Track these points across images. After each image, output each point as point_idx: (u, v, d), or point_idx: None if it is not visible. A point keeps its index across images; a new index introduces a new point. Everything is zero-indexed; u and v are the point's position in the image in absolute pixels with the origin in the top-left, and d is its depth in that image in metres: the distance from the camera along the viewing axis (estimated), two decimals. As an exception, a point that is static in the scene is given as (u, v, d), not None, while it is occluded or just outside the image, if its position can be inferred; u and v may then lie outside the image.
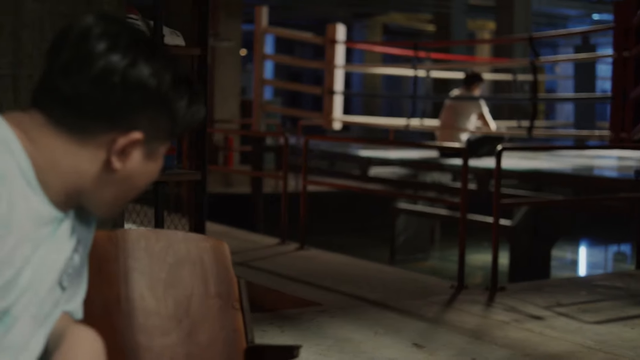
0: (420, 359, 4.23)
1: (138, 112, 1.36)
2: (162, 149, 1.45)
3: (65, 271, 1.45)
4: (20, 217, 1.31)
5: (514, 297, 5.60)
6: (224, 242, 2.05)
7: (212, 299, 1.99)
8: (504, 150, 5.99)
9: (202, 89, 1.52)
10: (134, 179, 1.42)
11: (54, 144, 1.35)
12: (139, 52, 1.36)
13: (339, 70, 10.61)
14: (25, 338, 1.39)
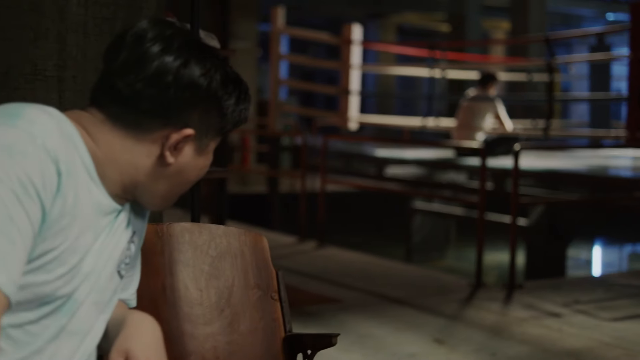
0: (441, 354, 4.31)
1: (190, 109, 1.45)
2: (212, 145, 1.53)
3: (122, 260, 1.54)
4: (84, 207, 1.39)
5: (531, 294, 5.67)
6: (262, 236, 2.14)
7: (252, 290, 2.08)
8: (522, 150, 6.05)
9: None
10: (185, 173, 1.50)
11: (112, 139, 1.44)
12: (190, 54, 1.45)
13: (355, 70, 10.68)
14: (89, 323, 1.49)
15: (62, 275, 1.38)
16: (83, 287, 1.44)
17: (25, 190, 1.27)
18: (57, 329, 1.41)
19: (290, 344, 2.08)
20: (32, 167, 1.28)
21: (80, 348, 1.47)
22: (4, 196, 1.24)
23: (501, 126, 9.09)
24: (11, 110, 1.35)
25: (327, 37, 11.75)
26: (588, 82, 13.95)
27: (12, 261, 1.24)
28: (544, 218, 8.37)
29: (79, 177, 1.38)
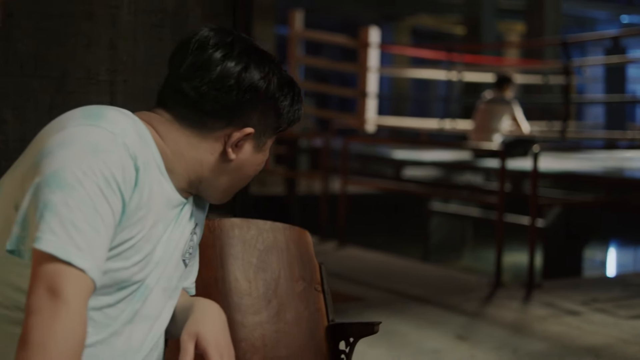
0: (464, 350, 4.43)
1: (250, 110, 1.58)
2: (269, 142, 1.66)
3: (187, 250, 1.68)
4: (156, 200, 1.52)
5: (550, 293, 5.79)
6: (306, 231, 2.27)
7: (297, 282, 2.20)
8: (540, 152, 6.16)
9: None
10: (245, 169, 1.63)
11: (179, 138, 1.56)
12: (250, 59, 1.58)
13: (372, 73, 10.80)
14: (159, 308, 1.62)
15: (137, 262, 1.50)
16: (154, 274, 1.57)
17: (108, 185, 1.39)
18: (132, 313, 1.54)
19: (333, 333, 2.20)
20: (114, 163, 1.40)
21: (151, 331, 1.60)
22: (90, 190, 1.37)
23: (518, 128, 9.19)
24: (93, 111, 1.48)
25: (345, 40, 11.88)
26: (603, 85, 14.02)
27: (98, 249, 1.36)
28: (560, 219, 8.46)
29: (152, 172, 1.51)
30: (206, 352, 1.58)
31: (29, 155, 1.46)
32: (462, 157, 9.82)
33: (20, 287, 1.43)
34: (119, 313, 1.52)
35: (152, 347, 1.62)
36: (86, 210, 1.35)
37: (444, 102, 10.93)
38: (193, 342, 1.59)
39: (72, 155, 1.38)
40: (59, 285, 1.31)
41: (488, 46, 14.60)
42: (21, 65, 2.40)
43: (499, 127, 9.11)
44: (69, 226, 1.33)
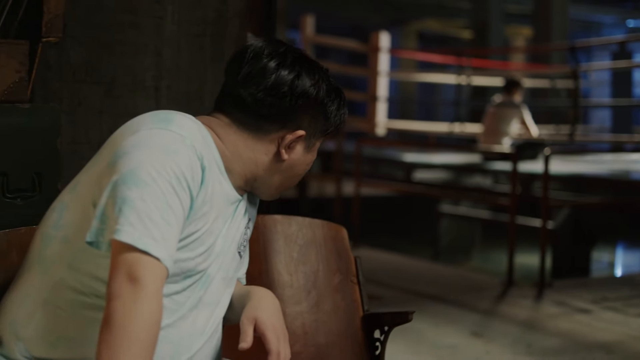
0: (479, 346, 4.58)
1: (302, 114, 1.73)
2: (317, 143, 1.81)
3: (241, 243, 1.83)
4: (217, 197, 1.68)
5: (561, 292, 5.93)
6: (342, 228, 2.43)
7: (334, 275, 2.36)
8: (552, 155, 6.30)
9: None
10: (296, 168, 1.79)
11: (237, 140, 1.72)
12: (302, 67, 1.73)
13: (383, 77, 10.96)
14: (219, 295, 1.77)
15: (201, 254, 1.66)
16: (215, 264, 1.72)
17: (179, 182, 1.54)
18: (196, 299, 1.70)
19: (368, 322, 2.36)
20: (183, 163, 1.55)
21: (212, 316, 1.76)
22: (163, 187, 1.52)
23: (527, 131, 9.34)
24: (163, 116, 1.64)
25: (355, 44, 12.05)
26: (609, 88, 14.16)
27: (170, 240, 1.51)
28: (569, 221, 8.61)
29: (213, 171, 1.67)
30: (264, 334, 1.73)
31: (104, 156, 1.62)
32: (472, 160, 9.96)
33: (97, 276, 1.58)
34: (185, 299, 1.67)
35: (213, 331, 1.77)
36: (160, 205, 1.50)
37: (453, 105, 11.06)
38: (252, 326, 1.73)
39: (147, 156, 1.53)
40: (137, 272, 1.46)
41: (498, 51, 14.75)
42: (73, 72, 2.56)
43: (508, 130, 9.26)
44: (145, 219, 1.48)
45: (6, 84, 2.19)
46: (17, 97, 2.21)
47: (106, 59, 2.60)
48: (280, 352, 1.74)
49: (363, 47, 11.53)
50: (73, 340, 1.60)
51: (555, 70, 12.44)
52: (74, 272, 1.61)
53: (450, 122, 10.72)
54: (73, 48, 2.54)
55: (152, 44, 2.66)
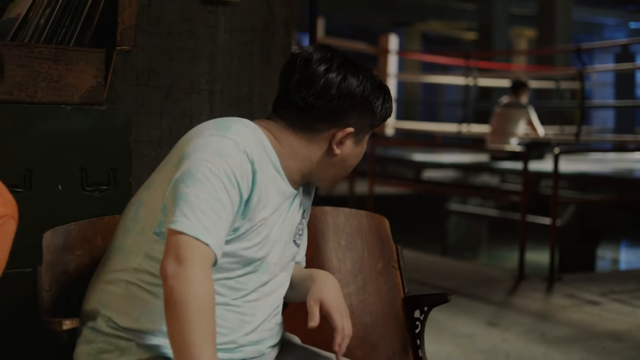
0: (496, 334, 4.83)
1: (349, 113, 1.93)
2: (366, 137, 2.02)
3: (297, 232, 2.06)
4: (272, 194, 1.90)
5: (570, 285, 6.18)
6: (384, 218, 2.67)
7: (378, 261, 2.60)
8: (560, 154, 6.53)
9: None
10: (347, 161, 2.00)
11: (292, 140, 1.93)
12: (347, 70, 1.93)
13: (392, 78, 11.19)
14: (278, 278, 1.99)
15: (257, 243, 1.88)
16: (272, 252, 1.95)
17: (229, 180, 1.76)
18: (258, 282, 1.92)
19: (409, 303, 2.60)
20: (234, 164, 1.77)
21: (272, 296, 1.98)
22: (215, 185, 1.74)
23: (533, 131, 9.58)
24: (224, 124, 1.85)
25: (365, 46, 12.28)
26: (610, 90, 14.40)
27: (220, 229, 1.73)
28: (575, 218, 8.86)
29: (268, 171, 1.88)
30: (329, 313, 1.97)
31: (173, 157, 1.86)
32: (479, 159, 10.20)
33: (157, 259, 1.81)
34: (248, 281, 1.90)
35: (273, 310, 2.00)
36: (212, 200, 1.73)
37: (462, 106, 11.30)
38: (318, 306, 1.96)
39: (203, 158, 1.76)
40: (185, 253, 1.68)
41: (507, 53, 14.98)
42: (137, 76, 2.81)
43: (516, 130, 9.50)
44: (198, 212, 1.71)
45: (85, 88, 2.44)
46: (95, 100, 2.46)
47: (166, 65, 2.85)
48: (344, 327, 1.98)
49: (372, 49, 11.77)
50: (154, 313, 1.84)
51: (560, 72, 12.68)
52: (150, 260, 1.85)
53: (455, 123, 10.95)
54: (136, 55, 2.78)
55: (207, 51, 2.91)
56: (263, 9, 3.00)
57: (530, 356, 4.42)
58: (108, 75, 2.47)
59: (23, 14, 2.52)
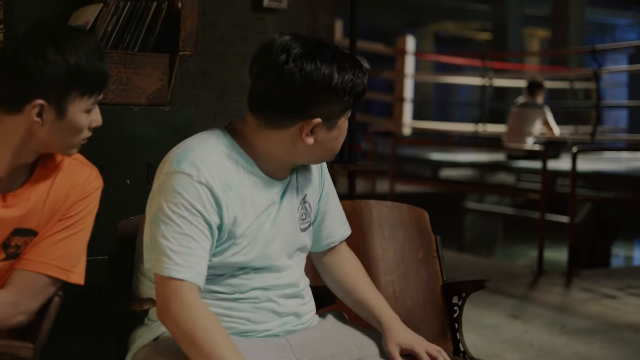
0: (518, 326, 5.03)
1: (313, 103, 1.91)
2: (341, 119, 1.99)
3: (299, 218, 2.13)
4: (252, 199, 1.99)
5: (588, 280, 6.37)
6: (424, 211, 2.87)
7: (418, 250, 2.81)
8: (578, 153, 6.72)
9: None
10: (327, 144, 2.00)
11: (266, 138, 1.97)
12: (304, 59, 1.88)
13: (409, 79, 11.39)
14: (284, 266, 2.11)
15: (245, 246, 2.00)
16: (272, 246, 2.04)
17: (191, 214, 1.90)
18: (261, 279, 2.06)
19: (448, 289, 2.80)
20: (193, 197, 1.90)
21: (281, 279, 2.10)
22: (179, 222, 1.89)
23: (549, 131, 9.76)
24: (181, 156, 1.95)
25: (383, 47, 12.49)
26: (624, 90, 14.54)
27: (194, 260, 1.88)
28: (590, 216, 9.04)
29: (242, 181, 1.98)
30: (412, 351, 2.09)
31: (153, 184, 2.01)
32: (496, 158, 10.39)
33: None
34: (250, 277, 2.05)
35: (293, 291, 2.13)
36: (179, 237, 1.90)
37: (478, 106, 11.49)
38: (398, 350, 2.09)
39: (164, 199, 1.92)
40: (166, 296, 1.89)
41: (523, 54, 15.14)
42: (192, 79, 3.02)
43: (532, 130, 9.69)
44: (168, 252, 1.89)
45: (151, 90, 2.65)
46: (159, 101, 2.67)
47: (219, 69, 3.06)
48: (429, 352, 2.11)
49: (390, 50, 11.97)
50: None
51: (575, 72, 12.85)
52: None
53: (468, 122, 11.14)
54: (192, 59, 3.00)
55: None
56: (308, 15, 3.21)
57: (553, 346, 4.61)
58: (171, 79, 2.67)
59: (91, 22, 2.74)
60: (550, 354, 4.46)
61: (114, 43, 2.70)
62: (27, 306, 2.01)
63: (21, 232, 2.04)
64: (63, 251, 2.05)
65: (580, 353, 4.49)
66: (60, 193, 2.06)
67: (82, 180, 2.09)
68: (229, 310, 2.04)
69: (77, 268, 2.08)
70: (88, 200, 2.10)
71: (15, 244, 2.03)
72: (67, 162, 2.09)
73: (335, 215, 2.29)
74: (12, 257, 2.04)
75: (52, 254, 2.03)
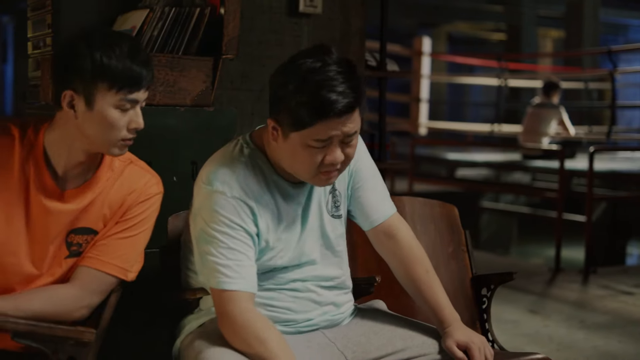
0: (538, 321, 5.15)
1: (278, 111, 2.09)
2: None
3: (333, 206, 2.27)
4: (284, 204, 2.16)
5: (605, 277, 6.49)
6: (454, 207, 3.00)
7: (449, 244, 2.94)
8: (595, 152, 6.83)
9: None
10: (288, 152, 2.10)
11: (273, 146, 2.13)
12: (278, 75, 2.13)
13: (425, 79, 11.51)
14: (321, 255, 2.26)
15: (282, 249, 2.17)
16: (305, 241, 2.21)
17: (232, 228, 2.06)
18: (299, 273, 2.22)
19: (477, 282, 2.93)
20: (230, 213, 2.07)
21: (318, 271, 2.26)
22: (222, 237, 2.06)
23: (565, 131, 9.87)
24: (211, 175, 2.11)
25: (399, 48, 12.60)
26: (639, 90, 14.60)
27: (243, 270, 2.06)
28: (606, 214, 9.15)
29: (270, 190, 2.14)
30: (467, 348, 2.20)
31: (193, 203, 2.18)
32: (512, 158, 10.50)
33: None
34: (290, 271, 2.21)
35: (327, 283, 2.27)
36: (224, 252, 2.06)
37: (494, 106, 11.61)
38: (455, 346, 2.20)
39: (205, 219, 2.08)
40: (221, 308, 2.06)
41: (539, 55, 15.20)
42: (231, 81, 3.16)
43: (547, 130, 9.80)
44: (218, 267, 2.06)
45: (196, 92, 2.79)
46: (204, 102, 2.81)
47: (257, 71, 3.20)
48: (481, 349, 2.20)
49: (407, 50, 12.09)
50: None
51: (590, 73, 12.94)
52: None
53: (481, 122, 11.25)
54: (231, 62, 3.13)
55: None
56: (340, 20, 3.35)
57: (572, 340, 4.74)
58: (215, 81, 2.81)
59: (138, 27, 2.88)
60: (570, 347, 4.59)
61: (159, 47, 2.84)
62: (89, 301, 2.17)
63: (81, 231, 2.20)
64: (123, 251, 2.21)
65: (599, 347, 4.61)
66: (118, 196, 2.22)
67: (141, 185, 2.25)
68: (271, 300, 2.19)
69: (134, 267, 2.25)
70: (146, 205, 2.26)
71: (77, 242, 2.19)
72: (129, 168, 2.25)
73: (375, 194, 2.38)
74: (75, 255, 2.19)
75: (113, 254, 2.19)
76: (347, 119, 2.03)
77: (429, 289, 2.35)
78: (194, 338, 2.17)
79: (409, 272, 2.37)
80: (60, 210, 2.17)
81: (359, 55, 3.36)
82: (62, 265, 2.19)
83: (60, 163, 2.17)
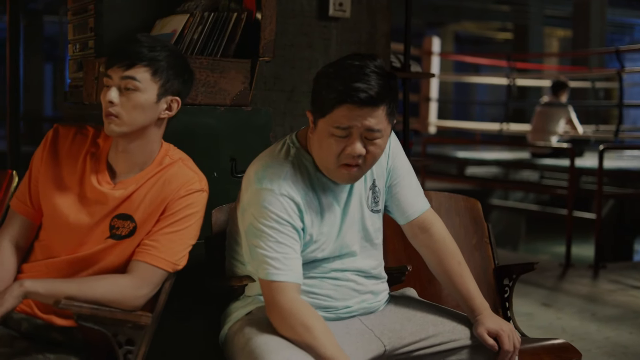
0: (551, 314, 5.31)
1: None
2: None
3: (373, 201, 2.42)
4: (326, 200, 2.32)
5: (614, 272, 6.65)
6: (477, 201, 3.16)
7: (472, 236, 3.10)
8: (605, 150, 6.98)
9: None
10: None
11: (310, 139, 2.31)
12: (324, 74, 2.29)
13: (434, 79, 11.65)
14: (360, 247, 2.41)
15: (325, 242, 2.32)
16: (347, 233, 2.36)
17: (280, 224, 2.21)
18: (339, 263, 2.38)
19: (499, 272, 3.09)
20: (278, 209, 2.21)
21: (357, 262, 2.41)
22: (271, 232, 2.20)
23: (573, 130, 10.02)
24: (260, 174, 2.26)
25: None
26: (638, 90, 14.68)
27: (291, 263, 2.20)
28: (613, 212, 9.30)
29: (314, 187, 2.29)
30: (497, 335, 2.34)
31: (241, 199, 2.33)
32: (520, 156, 10.64)
33: None
34: (331, 261, 2.36)
35: (366, 273, 2.43)
36: (273, 246, 2.21)
37: (504, 105, 11.77)
38: (486, 333, 2.33)
39: (255, 214, 2.23)
40: (270, 299, 2.21)
41: (547, 55, 15.31)
42: (265, 82, 3.33)
43: (556, 129, 9.95)
44: (267, 260, 2.21)
45: (235, 92, 2.95)
46: (242, 102, 2.97)
47: (288, 72, 3.36)
48: (512, 345, 2.34)
49: (416, 50, 12.23)
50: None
51: (597, 72, 13.07)
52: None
53: (488, 121, 11.38)
54: (264, 63, 3.30)
55: (321, 60, 3.42)
56: (367, 24, 3.51)
57: (584, 331, 4.90)
58: (252, 82, 2.98)
59: (179, 30, 3.04)
60: (583, 338, 4.75)
61: (199, 49, 3.00)
62: (144, 291, 2.34)
63: (122, 217, 2.38)
64: (170, 245, 2.38)
65: (611, 338, 4.77)
66: (160, 190, 2.39)
67: (183, 181, 2.41)
68: (313, 287, 2.35)
69: (182, 261, 2.40)
70: (188, 200, 2.40)
71: (117, 226, 2.38)
72: (177, 165, 2.44)
73: (410, 190, 2.53)
74: (115, 238, 2.37)
75: (164, 248, 2.36)
76: (368, 113, 2.16)
77: (460, 280, 2.48)
78: (243, 325, 2.31)
79: (442, 264, 2.51)
80: (109, 195, 2.36)
81: (385, 57, 3.53)
82: (101, 243, 2.37)
83: (118, 164, 2.39)
